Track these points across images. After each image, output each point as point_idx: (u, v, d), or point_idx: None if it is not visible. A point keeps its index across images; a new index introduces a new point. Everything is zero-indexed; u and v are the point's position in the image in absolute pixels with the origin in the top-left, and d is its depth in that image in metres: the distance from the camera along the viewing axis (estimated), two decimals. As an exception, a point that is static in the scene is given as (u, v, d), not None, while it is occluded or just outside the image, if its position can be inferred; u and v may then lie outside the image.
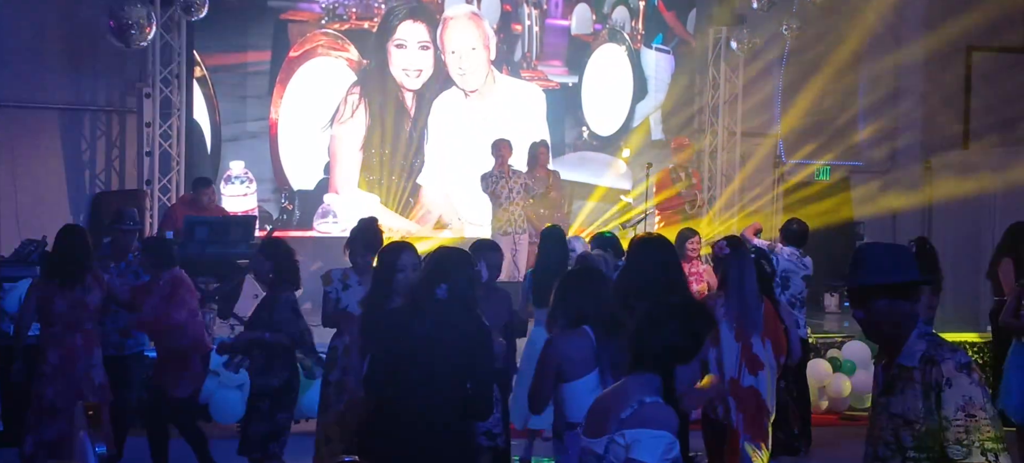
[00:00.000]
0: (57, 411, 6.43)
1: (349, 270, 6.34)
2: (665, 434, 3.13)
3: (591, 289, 4.59)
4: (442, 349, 4.37)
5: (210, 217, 9.87)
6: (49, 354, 6.48)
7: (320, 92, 12.21)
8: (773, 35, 13.25)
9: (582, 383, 4.37)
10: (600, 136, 13.61)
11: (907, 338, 3.46)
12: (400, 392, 4.40)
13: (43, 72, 11.10)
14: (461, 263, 4.58)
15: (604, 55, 13.54)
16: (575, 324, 4.48)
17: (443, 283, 4.45)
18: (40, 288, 6.57)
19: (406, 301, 4.83)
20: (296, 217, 12.08)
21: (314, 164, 12.23)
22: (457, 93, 12.77)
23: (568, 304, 4.55)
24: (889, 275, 3.47)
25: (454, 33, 12.70)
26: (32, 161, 11.11)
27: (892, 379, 3.48)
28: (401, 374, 4.40)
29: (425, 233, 12.14)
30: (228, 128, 11.88)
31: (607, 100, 13.58)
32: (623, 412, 3.15)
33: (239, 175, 11.64)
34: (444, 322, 4.41)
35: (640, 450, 3.09)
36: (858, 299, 3.54)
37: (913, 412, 3.38)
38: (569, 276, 4.81)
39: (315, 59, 12.16)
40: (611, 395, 3.33)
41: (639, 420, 3.13)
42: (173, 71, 11.17)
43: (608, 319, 4.45)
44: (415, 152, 12.53)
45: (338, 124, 12.25)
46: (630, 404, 3.15)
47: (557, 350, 4.47)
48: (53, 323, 6.49)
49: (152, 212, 11.03)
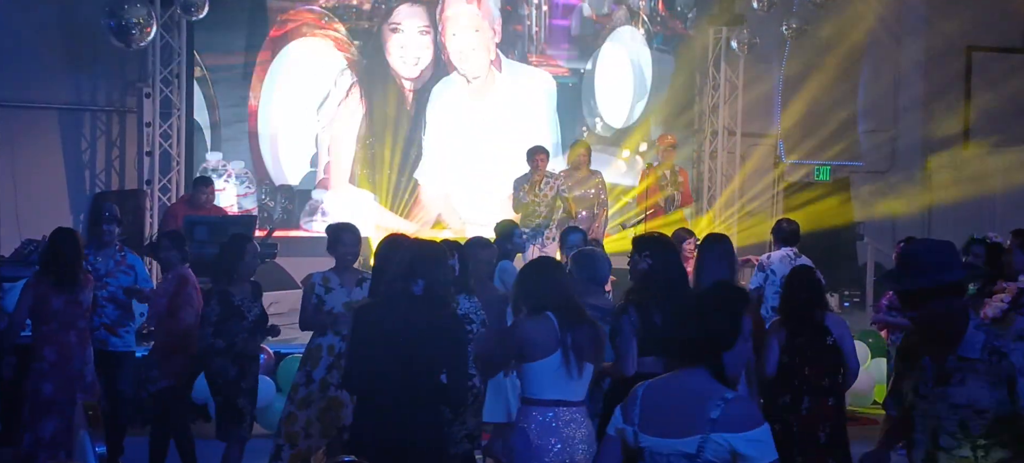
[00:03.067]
0: (55, 406, 6.55)
1: (330, 272, 6.38)
2: (766, 426, 3.20)
3: (552, 277, 4.71)
4: (418, 343, 4.50)
5: (210, 217, 9.86)
6: (46, 351, 6.59)
7: (306, 77, 11.53)
8: (773, 35, 13.24)
9: (544, 364, 4.48)
10: (614, 128, 12.97)
11: (965, 331, 3.58)
12: (379, 386, 4.54)
13: (43, 72, 11.09)
14: (437, 259, 4.71)
15: (620, 38, 12.85)
16: (537, 310, 4.58)
17: (420, 279, 4.58)
18: (36, 287, 6.65)
19: (381, 296, 4.99)
20: (277, 214, 11.50)
21: (299, 157, 11.61)
22: (458, 80, 12.13)
23: (529, 292, 4.66)
24: (940, 276, 3.57)
25: (455, 14, 12.03)
26: (32, 161, 11.10)
27: (949, 371, 3.60)
28: (379, 369, 4.54)
29: (424, 233, 11.44)
30: (200, 115, 11.34)
31: (622, 89, 12.86)
32: (712, 411, 3.16)
33: (216, 168, 11.30)
34: (419, 317, 4.54)
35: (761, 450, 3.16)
36: (910, 301, 3.64)
37: (982, 401, 3.53)
38: (530, 266, 4.91)
39: (300, 39, 11.49)
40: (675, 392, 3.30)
41: (737, 421, 3.16)
42: (173, 71, 11.15)
43: (568, 306, 4.59)
44: (412, 145, 11.96)
45: (327, 114, 11.63)
46: (714, 402, 3.17)
47: (521, 332, 4.59)
48: (48, 321, 6.60)
49: (152, 212, 11.03)
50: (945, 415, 3.60)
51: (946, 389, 3.60)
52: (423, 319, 4.54)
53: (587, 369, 4.56)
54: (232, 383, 6.37)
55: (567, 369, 4.46)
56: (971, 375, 3.55)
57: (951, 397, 3.58)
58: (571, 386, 4.49)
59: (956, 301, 3.61)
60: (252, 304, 6.42)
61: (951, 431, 3.58)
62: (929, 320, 3.64)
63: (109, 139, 11.58)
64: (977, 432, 3.55)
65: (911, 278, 3.61)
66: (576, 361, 4.47)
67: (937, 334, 3.66)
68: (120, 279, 7.37)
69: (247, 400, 6.43)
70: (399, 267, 4.73)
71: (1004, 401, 3.51)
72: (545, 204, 10.32)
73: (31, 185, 10.97)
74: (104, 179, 11.52)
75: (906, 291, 3.67)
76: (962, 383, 3.56)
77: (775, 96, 13.75)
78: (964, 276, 3.67)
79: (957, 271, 3.63)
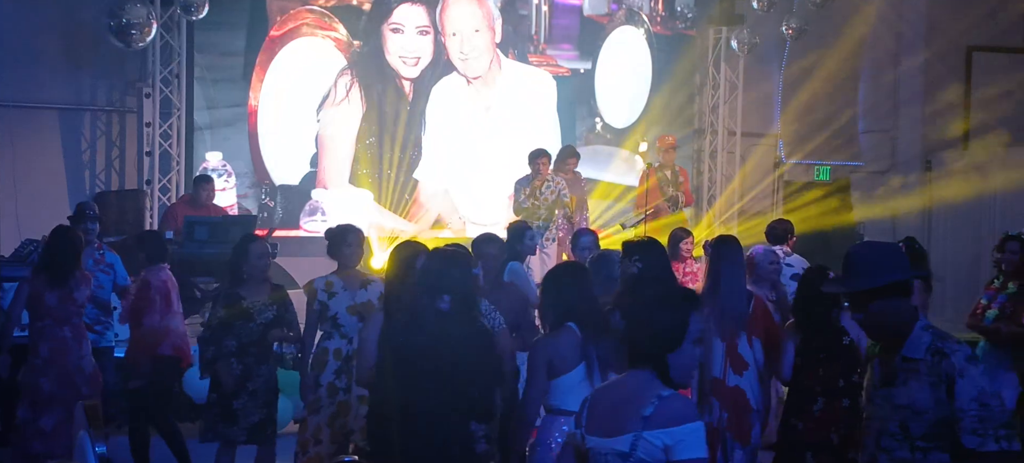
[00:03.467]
0: (54, 400, 6.61)
1: (332, 276, 6.31)
2: (699, 424, 3.14)
3: (578, 286, 4.69)
4: (447, 358, 4.43)
5: (210, 217, 9.88)
6: (40, 347, 6.67)
7: (305, 77, 11.52)
8: (773, 35, 13.24)
9: (569, 377, 4.50)
10: (615, 128, 12.98)
11: (910, 332, 3.57)
12: (408, 400, 4.46)
13: (43, 72, 11.09)
14: (463, 271, 4.62)
15: (620, 38, 12.87)
16: (561, 321, 4.58)
17: (445, 294, 4.51)
18: (31, 284, 6.72)
19: (407, 312, 4.79)
20: (278, 215, 11.47)
21: (299, 157, 11.58)
22: (458, 80, 12.11)
23: (555, 301, 4.65)
24: (883, 277, 3.56)
25: (455, 13, 12.01)
26: (32, 161, 11.11)
27: (893, 371, 3.59)
28: (408, 383, 4.45)
29: (424, 233, 11.60)
30: (200, 115, 11.35)
31: (623, 89, 12.89)
32: (644, 409, 3.14)
33: (216, 167, 11.29)
34: (448, 332, 4.46)
35: (686, 449, 3.10)
36: (856, 303, 3.61)
37: (921, 402, 3.51)
38: (554, 274, 4.89)
39: (299, 39, 11.47)
40: (614, 392, 3.30)
41: (667, 417, 3.12)
42: (173, 71, 11.16)
43: (593, 317, 4.59)
44: (412, 145, 11.92)
45: (327, 113, 11.60)
46: (648, 400, 3.14)
47: (545, 349, 4.58)
48: (43, 317, 6.68)
49: (152, 212, 11.03)
50: (887, 416, 3.58)
51: (891, 390, 3.58)
52: (454, 336, 4.46)
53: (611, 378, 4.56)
54: (235, 383, 6.21)
55: (591, 381, 4.46)
56: (913, 376, 3.53)
57: (894, 398, 3.57)
58: None
59: (900, 301, 3.59)
60: (265, 307, 6.27)
61: (892, 432, 3.56)
62: (875, 321, 3.62)
63: (109, 139, 11.58)
64: (917, 433, 3.52)
65: (855, 280, 3.60)
66: (600, 372, 4.49)
67: (883, 334, 3.66)
68: (99, 277, 7.44)
69: (252, 402, 6.22)
70: (424, 281, 4.61)
71: (942, 402, 3.48)
72: (545, 207, 10.32)
73: (31, 185, 10.97)
74: (104, 179, 11.52)
75: (849, 293, 3.66)
76: (904, 383, 3.55)
77: (775, 96, 13.75)
78: (907, 277, 3.63)
79: (900, 271, 3.61)
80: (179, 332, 7.13)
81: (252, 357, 6.23)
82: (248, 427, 6.23)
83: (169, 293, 7.01)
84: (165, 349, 6.97)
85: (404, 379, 4.47)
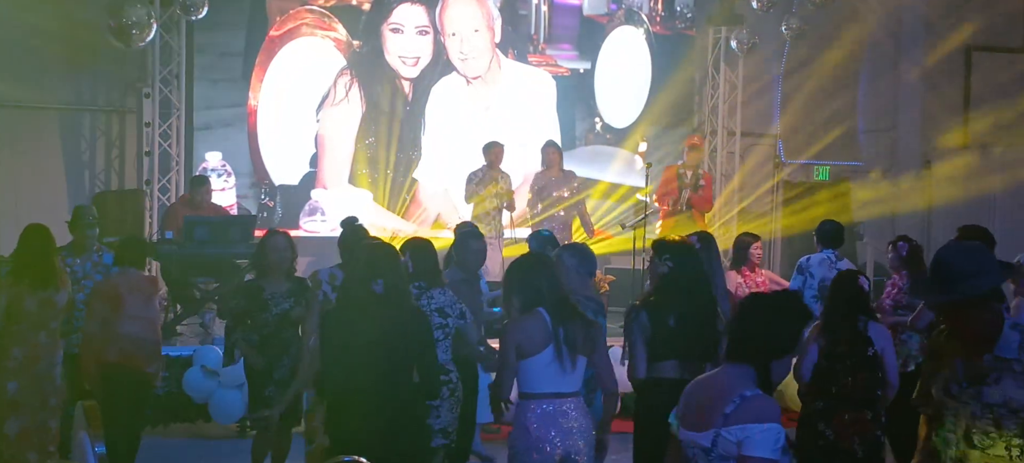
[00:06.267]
0: (19, 406, 6.53)
1: (336, 269, 6.39)
2: (773, 426, 3.20)
3: (544, 274, 4.84)
4: (386, 341, 4.71)
5: (210, 217, 9.87)
6: (13, 350, 6.56)
7: (305, 77, 11.52)
8: (773, 35, 13.24)
9: (538, 359, 4.65)
10: (614, 128, 12.94)
11: (1000, 333, 3.65)
12: (355, 389, 4.72)
13: (43, 72, 11.09)
14: (392, 259, 4.93)
15: (620, 39, 12.85)
16: (529, 307, 4.73)
17: (379, 278, 4.78)
18: (11, 287, 6.59)
19: (341, 298, 5.21)
20: (278, 214, 11.46)
21: (298, 157, 11.58)
22: (458, 79, 12.10)
23: (521, 288, 4.80)
24: (982, 284, 3.60)
25: (455, 13, 11.98)
26: (32, 161, 11.11)
27: (983, 370, 3.66)
28: (353, 372, 4.72)
29: (423, 233, 11.26)
30: (199, 115, 11.34)
31: (623, 88, 12.86)
32: (726, 407, 3.21)
33: (216, 168, 11.28)
34: (384, 316, 4.74)
35: (753, 446, 3.17)
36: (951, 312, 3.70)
37: (1018, 400, 3.60)
38: (519, 264, 4.98)
39: (299, 39, 11.47)
40: (707, 387, 3.38)
41: (745, 415, 3.19)
42: (173, 71, 11.16)
43: (560, 302, 4.76)
44: (412, 145, 11.92)
45: (327, 113, 11.59)
46: (731, 399, 3.22)
47: (514, 333, 4.73)
48: (20, 321, 6.57)
49: (152, 212, 11.03)
50: (978, 414, 3.65)
51: (981, 388, 3.65)
52: (388, 318, 4.74)
53: (580, 361, 4.73)
54: (261, 374, 6.49)
55: (561, 363, 4.64)
56: (1007, 374, 3.61)
57: (985, 396, 3.64)
58: (566, 378, 4.67)
59: (995, 307, 3.67)
60: (282, 297, 6.49)
61: (985, 429, 3.63)
62: (971, 330, 3.67)
63: (109, 139, 11.58)
64: (1011, 430, 3.61)
65: (946, 291, 3.61)
66: (569, 355, 4.65)
67: (974, 336, 3.69)
68: (98, 280, 7.33)
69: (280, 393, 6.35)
70: (359, 268, 4.91)
71: None
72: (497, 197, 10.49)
73: (31, 185, 10.97)
74: (104, 179, 11.52)
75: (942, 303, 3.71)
76: (997, 382, 3.62)
77: (775, 96, 13.75)
78: (1002, 280, 3.70)
79: (995, 275, 3.66)
80: (133, 337, 6.58)
81: (274, 349, 6.49)
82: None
83: (120, 297, 6.56)
84: (111, 355, 6.56)
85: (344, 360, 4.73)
